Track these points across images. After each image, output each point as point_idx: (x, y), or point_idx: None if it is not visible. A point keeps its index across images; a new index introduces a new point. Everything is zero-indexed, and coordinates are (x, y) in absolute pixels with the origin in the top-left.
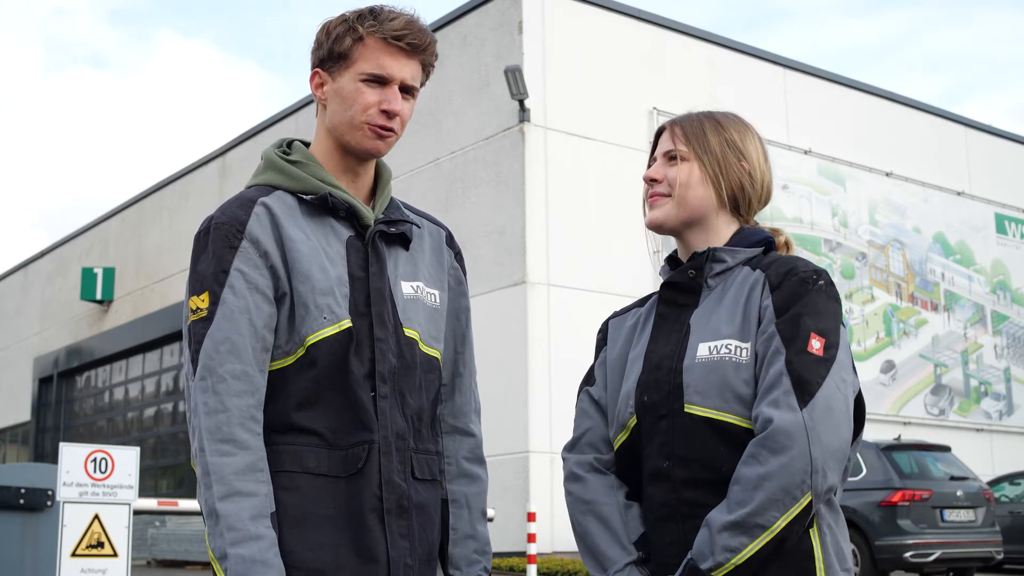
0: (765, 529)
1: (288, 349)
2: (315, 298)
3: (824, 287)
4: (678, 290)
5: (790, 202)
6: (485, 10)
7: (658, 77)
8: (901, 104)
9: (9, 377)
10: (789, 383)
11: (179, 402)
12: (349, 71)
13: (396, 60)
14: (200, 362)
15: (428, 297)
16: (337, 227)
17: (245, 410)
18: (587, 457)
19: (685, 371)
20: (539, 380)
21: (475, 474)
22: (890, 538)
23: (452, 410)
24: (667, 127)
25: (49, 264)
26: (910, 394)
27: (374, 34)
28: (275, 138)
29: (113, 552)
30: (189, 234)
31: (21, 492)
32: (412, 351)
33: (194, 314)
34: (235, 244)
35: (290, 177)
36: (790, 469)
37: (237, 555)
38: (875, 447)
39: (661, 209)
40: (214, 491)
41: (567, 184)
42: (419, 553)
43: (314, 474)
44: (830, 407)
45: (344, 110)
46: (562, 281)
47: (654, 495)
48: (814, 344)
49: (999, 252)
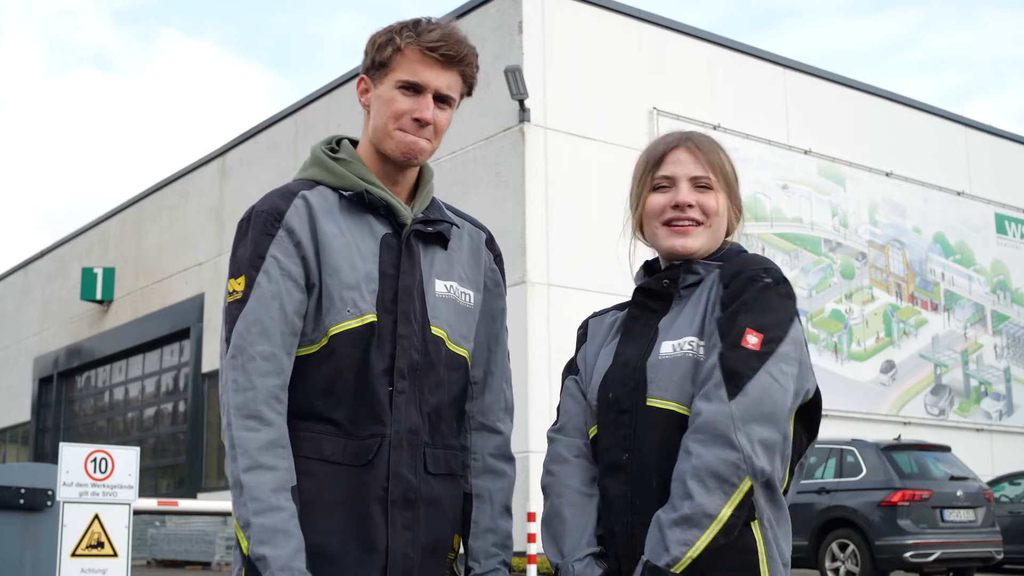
0: (714, 519)
1: (313, 338)
2: (341, 291)
3: (772, 284)
4: (650, 296)
5: (790, 202)
6: (485, 10)
7: (658, 77)
8: (901, 104)
9: (9, 377)
10: (720, 376)
11: (179, 402)
12: (388, 79)
13: (431, 70)
14: (232, 341)
15: (461, 296)
16: (374, 224)
17: (271, 389)
18: (576, 441)
19: (649, 367)
20: (539, 380)
21: (500, 470)
22: (890, 538)
23: (481, 407)
24: (684, 147)
25: (49, 264)
26: (910, 394)
27: (411, 44)
28: (275, 138)
29: (113, 552)
30: (189, 234)
31: (21, 492)
32: (437, 349)
33: (230, 296)
34: (272, 232)
35: (332, 173)
36: (721, 458)
37: (259, 524)
38: (875, 447)
39: (697, 238)
40: (239, 463)
41: (567, 184)
42: (423, 544)
43: (329, 462)
44: (760, 398)
45: (381, 116)
46: (562, 281)
47: (609, 487)
48: (750, 339)
49: (999, 252)
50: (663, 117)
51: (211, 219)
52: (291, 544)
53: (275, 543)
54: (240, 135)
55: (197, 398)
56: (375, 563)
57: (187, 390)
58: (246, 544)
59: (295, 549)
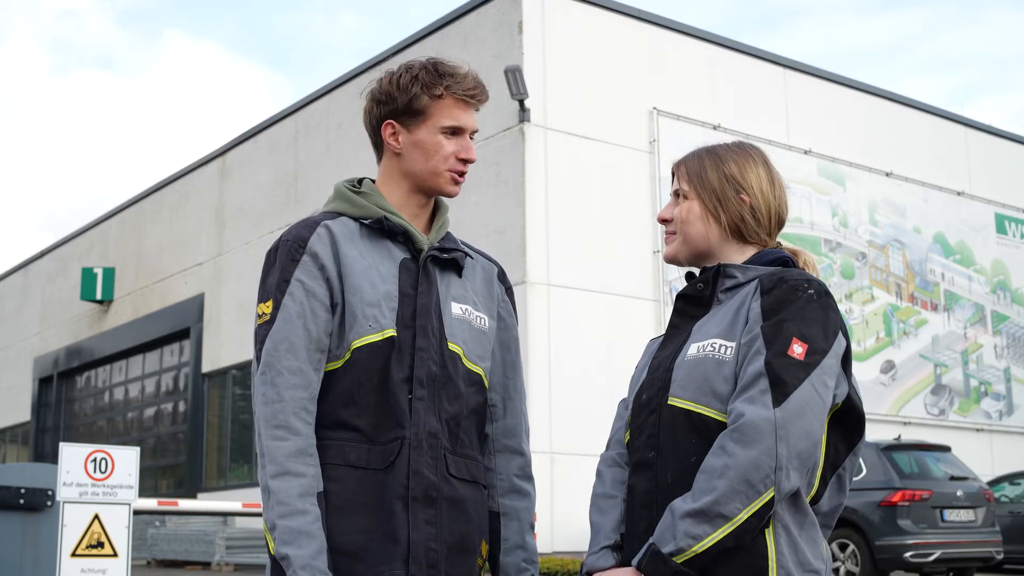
0: (728, 520)
1: (338, 354)
2: (363, 308)
3: (814, 296)
4: (688, 302)
5: (790, 202)
6: (485, 10)
7: (658, 77)
8: (901, 104)
9: (9, 377)
10: (767, 382)
11: (179, 402)
12: (427, 124)
13: (468, 113)
14: (262, 359)
15: (476, 320)
16: (393, 249)
17: (299, 401)
18: (611, 454)
19: (675, 368)
20: (539, 380)
21: (524, 490)
22: (890, 538)
23: (504, 430)
24: (675, 168)
25: (49, 264)
26: (910, 394)
27: (452, 93)
28: (275, 138)
29: (113, 552)
30: (189, 234)
31: (21, 492)
32: (455, 363)
33: (260, 319)
34: (297, 258)
35: (353, 205)
36: (755, 462)
37: (284, 526)
38: (875, 447)
39: (671, 247)
40: (267, 470)
41: (567, 184)
42: (447, 540)
43: (355, 467)
44: (803, 409)
45: (425, 159)
46: (562, 281)
47: (636, 484)
48: (795, 348)
49: (999, 252)
50: (663, 117)
51: (211, 219)
52: (313, 545)
53: (298, 544)
54: (240, 135)
55: (197, 398)
56: (397, 554)
57: (187, 390)
58: (272, 545)
59: (317, 550)
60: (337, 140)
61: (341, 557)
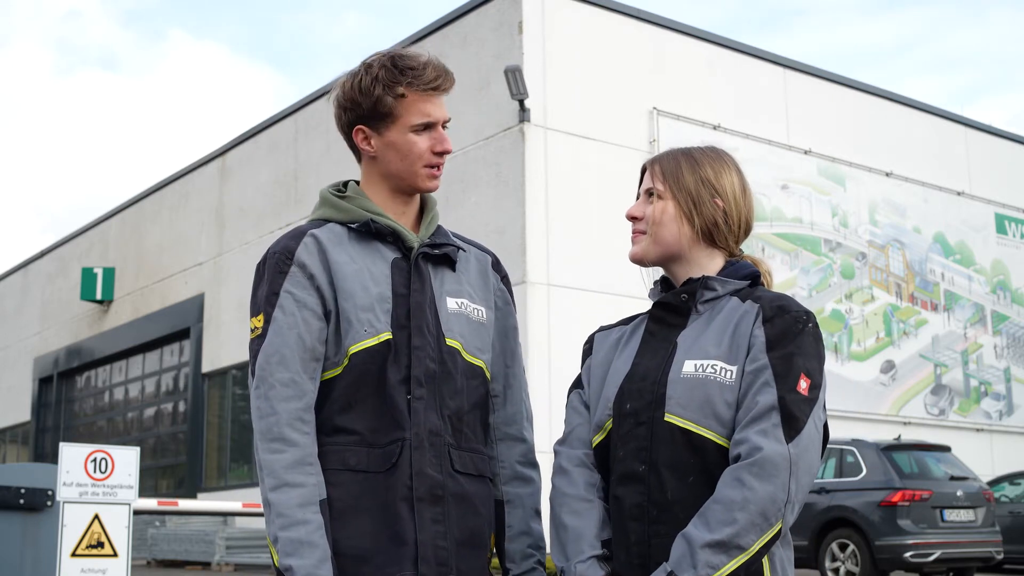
0: (743, 551)
1: (336, 360)
2: (357, 313)
3: (812, 329)
4: (668, 311)
5: (790, 202)
6: (485, 10)
7: (658, 77)
8: (901, 104)
9: (9, 377)
10: (779, 417)
11: (179, 402)
12: (396, 125)
13: (435, 104)
14: (256, 373)
15: (473, 312)
16: (383, 250)
17: (293, 412)
18: (577, 452)
19: (669, 384)
20: (539, 380)
21: (528, 476)
22: (890, 538)
23: (505, 419)
24: (647, 165)
25: (49, 264)
26: (910, 394)
27: (414, 89)
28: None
29: (113, 552)
30: (189, 234)
31: (21, 492)
32: (454, 359)
33: (252, 333)
34: (285, 270)
35: (339, 210)
36: (772, 497)
37: (286, 538)
38: (875, 447)
39: (639, 245)
40: (267, 483)
41: (567, 184)
42: (456, 536)
43: (355, 471)
44: (808, 446)
45: (401, 159)
46: (562, 281)
47: (624, 496)
48: (802, 384)
49: (999, 252)
50: (663, 117)
51: (211, 219)
52: (316, 554)
53: (300, 554)
54: (240, 135)
55: (197, 398)
56: (406, 555)
57: (187, 390)
58: (276, 558)
59: (320, 559)
60: (337, 140)
61: (348, 561)
